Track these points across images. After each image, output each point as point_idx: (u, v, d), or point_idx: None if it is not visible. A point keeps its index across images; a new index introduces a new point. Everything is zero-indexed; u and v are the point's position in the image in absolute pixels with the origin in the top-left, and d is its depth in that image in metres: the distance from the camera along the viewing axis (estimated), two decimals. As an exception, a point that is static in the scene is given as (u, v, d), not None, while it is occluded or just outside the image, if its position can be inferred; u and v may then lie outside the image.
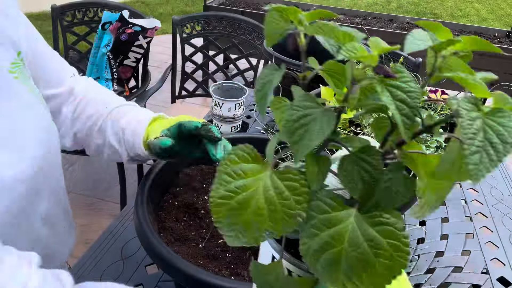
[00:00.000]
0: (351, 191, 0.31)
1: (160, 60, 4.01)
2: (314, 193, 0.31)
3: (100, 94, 0.85)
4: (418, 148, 0.32)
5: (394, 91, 0.30)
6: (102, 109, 0.81)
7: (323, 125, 0.30)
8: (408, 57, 1.76)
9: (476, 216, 1.16)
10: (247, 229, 0.31)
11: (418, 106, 0.30)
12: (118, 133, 0.78)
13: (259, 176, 0.32)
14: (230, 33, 2.17)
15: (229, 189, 0.31)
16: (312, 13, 0.34)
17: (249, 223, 0.31)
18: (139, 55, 1.97)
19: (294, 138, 0.30)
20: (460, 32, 3.28)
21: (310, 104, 0.32)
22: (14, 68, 0.63)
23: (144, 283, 0.86)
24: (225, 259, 0.64)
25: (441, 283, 0.93)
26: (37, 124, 0.64)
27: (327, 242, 0.30)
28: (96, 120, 0.80)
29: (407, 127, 0.29)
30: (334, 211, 0.31)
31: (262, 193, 0.31)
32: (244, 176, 0.31)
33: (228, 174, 0.31)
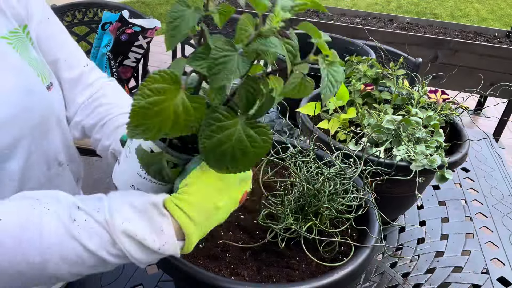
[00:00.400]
0: (240, 106, 0.46)
1: (160, 60, 4.01)
2: (214, 108, 0.45)
3: (118, 97, 0.86)
4: (275, 78, 0.49)
5: (287, 46, 0.47)
6: (115, 110, 0.81)
7: (239, 66, 0.43)
8: (408, 57, 1.76)
9: (476, 216, 1.16)
10: (151, 130, 0.44)
11: (296, 53, 0.47)
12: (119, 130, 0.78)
13: (173, 94, 0.43)
14: (230, 33, 2.17)
15: (148, 102, 0.43)
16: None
17: (154, 127, 0.43)
18: (139, 55, 1.97)
19: (213, 71, 0.43)
20: (460, 32, 3.28)
21: (229, 48, 0.44)
22: (12, 37, 0.69)
23: (144, 283, 0.86)
24: (225, 259, 0.64)
25: (441, 283, 0.93)
26: (17, 84, 0.66)
27: (221, 140, 0.45)
28: (104, 117, 0.81)
29: (291, 60, 0.47)
30: (227, 119, 0.45)
31: (172, 108, 0.43)
32: (161, 93, 0.43)
33: (150, 90, 0.43)
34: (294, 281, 0.61)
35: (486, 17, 6.18)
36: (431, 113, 0.95)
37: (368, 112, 0.99)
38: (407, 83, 1.10)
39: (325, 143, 0.87)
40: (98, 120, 0.82)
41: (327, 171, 0.69)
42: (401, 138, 0.89)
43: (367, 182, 0.72)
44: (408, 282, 0.93)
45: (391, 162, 0.84)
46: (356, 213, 0.68)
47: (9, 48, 0.69)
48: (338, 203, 0.68)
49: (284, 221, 0.65)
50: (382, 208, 0.72)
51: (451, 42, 2.87)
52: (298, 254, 0.67)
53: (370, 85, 1.05)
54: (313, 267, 0.65)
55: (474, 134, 1.57)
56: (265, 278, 0.62)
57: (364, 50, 1.47)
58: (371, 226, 0.68)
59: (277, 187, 0.77)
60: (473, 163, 1.42)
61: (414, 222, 1.12)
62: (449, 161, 0.86)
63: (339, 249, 0.68)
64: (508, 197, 1.26)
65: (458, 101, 1.04)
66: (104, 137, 0.80)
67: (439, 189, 1.26)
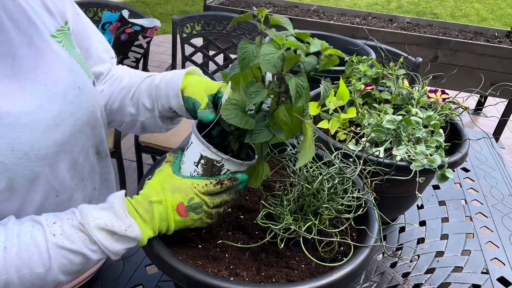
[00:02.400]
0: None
1: (160, 60, 4.01)
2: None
3: (132, 70, 0.92)
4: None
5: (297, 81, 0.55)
6: (136, 79, 0.85)
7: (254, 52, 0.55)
8: (408, 57, 1.76)
9: (476, 216, 1.16)
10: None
11: (306, 94, 0.56)
12: (152, 91, 0.81)
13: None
14: (230, 33, 2.17)
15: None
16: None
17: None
18: (139, 55, 1.97)
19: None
20: (460, 32, 3.28)
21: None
22: (60, 34, 0.72)
23: (144, 283, 0.86)
24: (225, 259, 0.64)
25: (441, 283, 0.93)
26: (70, 82, 0.71)
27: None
28: (130, 89, 0.84)
29: (298, 96, 0.55)
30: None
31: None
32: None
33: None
34: (293, 281, 0.61)
35: (486, 17, 6.18)
36: (431, 113, 0.95)
37: (368, 112, 0.99)
38: (407, 83, 1.10)
39: (325, 143, 0.87)
40: (125, 93, 0.85)
41: (327, 171, 0.69)
42: (401, 138, 0.89)
43: (366, 182, 0.72)
44: (408, 282, 0.92)
45: (391, 162, 0.84)
46: (356, 213, 0.68)
47: (59, 46, 0.71)
48: (337, 203, 0.68)
49: (283, 221, 0.65)
50: (382, 208, 0.72)
51: (451, 42, 2.87)
52: (297, 254, 0.66)
53: (370, 85, 1.05)
54: (313, 267, 0.65)
55: (474, 134, 1.56)
56: (265, 278, 0.61)
57: (364, 50, 1.47)
58: (370, 226, 0.68)
59: (276, 187, 0.76)
60: (473, 163, 1.41)
61: (414, 222, 1.12)
62: (449, 161, 0.86)
63: (339, 249, 0.68)
64: (508, 197, 1.25)
65: (458, 101, 1.03)
66: (138, 103, 0.83)
67: (439, 189, 1.26)
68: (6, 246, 0.55)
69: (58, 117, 0.67)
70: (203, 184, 0.61)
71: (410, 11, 6.15)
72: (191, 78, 0.77)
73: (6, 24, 0.64)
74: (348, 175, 0.71)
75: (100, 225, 0.58)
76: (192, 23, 2.15)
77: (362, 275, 0.93)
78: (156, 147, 1.88)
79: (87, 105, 0.74)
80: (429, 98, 1.03)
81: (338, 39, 1.57)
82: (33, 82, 0.66)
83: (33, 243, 0.56)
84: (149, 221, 0.60)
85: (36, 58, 0.67)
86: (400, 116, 0.95)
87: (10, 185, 0.63)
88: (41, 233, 0.57)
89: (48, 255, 0.56)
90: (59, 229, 0.57)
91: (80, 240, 0.57)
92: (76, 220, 0.58)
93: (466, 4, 6.69)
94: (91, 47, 0.86)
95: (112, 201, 0.60)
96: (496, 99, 3.54)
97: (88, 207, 0.60)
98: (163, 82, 0.79)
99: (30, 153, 0.64)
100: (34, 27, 0.68)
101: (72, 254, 0.57)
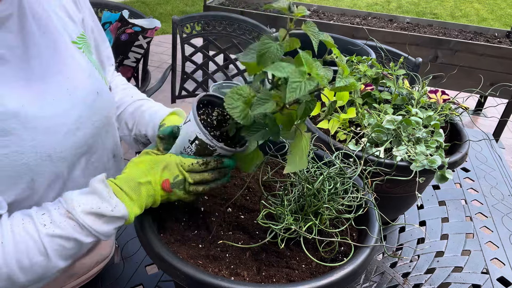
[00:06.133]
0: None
1: (160, 60, 4.01)
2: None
3: (128, 88, 0.96)
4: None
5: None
6: (126, 100, 0.90)
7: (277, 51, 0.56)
8: (408, 57, 1.76)
9: (476, 216, 1.16)
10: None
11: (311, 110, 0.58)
12: (135, 116, 0.87)
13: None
14: (230, 33, 2.17)
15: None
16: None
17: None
18: (139, 55, 1.97)
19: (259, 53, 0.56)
20: (460, 32, 3.28)
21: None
22: (80, 41, 0.77)
23: (144, 283, 0.86)
24: (225, 259, 0.64)
25: (441, 283, 0.93)
26: (90, 86, 0.74)
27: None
28: (119, 107, 0.90)
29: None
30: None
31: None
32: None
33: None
34: (294, 281, 0.61)
35: (486, 17, 6.18)
36: (431, 113, 0.95)
37: (368, 112, 0.99)
38: (407, 83, 1.10)
39: (325, 143, 0.87)
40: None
41: (327, 171, 0.69)
42: (401, 138, 0.89)
43: (367, 182, 0.72)
44: (408, 282, 0.93)
45: (391, 162, 0.84)
46: (356, 213, 0.68)
47: (80, 52, 0.75)
48: (338, 203, 0.68)
49: (284, 221, 0.65)
50: (382, 208, 0.72)
51: (451, 42, 2.87)
52: (298, 254, 0.67)
53: (370, 85, 1.05)
54: (313, 267, 0.65)
55: (474, 134, 1.57)
56: (265, 278, 0.62)
57: (364, 50, 1.47)
58: (371, 226, 0.68)
59: (277, 187, 0.77)
60: (473, 163, 1.42)
61: (414, 222, 1.12)
62: (449, 161, 0.86)
63: (339, 249, 0.68)
64: (508, 197, 1.25)
65: (458, 101, 1.03)
66: (121, 121, 0.89)
67: (439, 189, 1.26)
68: (3, 241, 0.57)
69: (78, 120, 0.70)
70: (189, 163, 0.65)
71: (410, 11, 6.15)
72: (172, 118, 0.83)
73: (33, 28, 0.67)
74: (349, 175, 0.71)
75: (86, 209, 0.60)
76: (192, 23, 2.15)
77: (362, 275, 0.93)
78: (156, 147, 1.88)
79: (104, 110, 0.78)
80: (429, 98, 1.03)
81: (338, 39, 1.57)
82: (56, 86, 0.69)
83: (26, 234, 0.58)
84: (136, 199, 0.63)
85: (59, 62, 0.70)
86: (400, 116, 0.95)
87: (32, 185, 0.65)
88: (32, 225, 0.59)
89: (42, 244, 0.58)
90: (48, 218, 0.60)
91: (70, 226, 0.60)
92: (62, 208, 0.60)
93: (466, 4, 6.69)
94: (101, 53, 0.92)
95: (94, 185, 0.62)
96: (496, 99, 3.54)
97: (72, 193, 0.62)
98: (147, 113, 0.86)
99: (53, 155, 0.66)
100: (58, 33, 0.72)
101: (64, 240, 0.60)
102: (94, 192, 0.62)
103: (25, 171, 0.63)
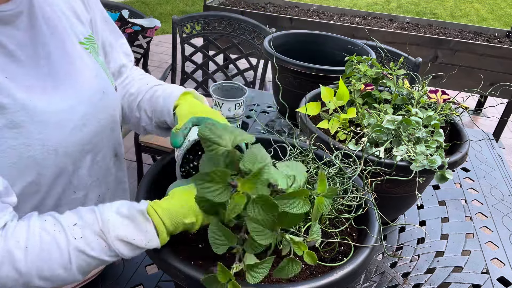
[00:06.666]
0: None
1: (160, 60, 4.01)
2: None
3: (144, 77, 0.96)
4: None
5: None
6: (144, 88, 0.90)
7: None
8: (408, 57, 1.76)
9: (476, 216, 1.16)
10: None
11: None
12: (152, 103, 0.86)
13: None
14: (230, 33, 2.17)
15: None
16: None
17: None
18: (139, 55, 1.97)
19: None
20: (460, 32, 3.28)
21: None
22: (87, 42, 0.78)
23: (144, 283, 0.86)
24: (225, 259, 0.64)
25: (441, 283, 0.93)
26: (96, 86, 0.75)
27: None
28: (137, 96, 0.89)
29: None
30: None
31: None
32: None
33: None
34: (293, 281, 0.61)
35: (486, 17, 6.18)
36: (431, 113, 0.95)
37: (368, 112, 0.99)
38: (407, 83, 1.10)
39: (325, 143, 0.87)
40: (132, 100, 0.90)
41: (327, 171, 0.69)
42: (401, 138, 0.89)
43: (367, 182, 0.72)
44: (408, 282, 0.93)
45: (391, 162, 0.84)
46: (356, 213, 0.68)
47: (87, 52, 0.77)
48: (337, 203, 0.68)
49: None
50: (382, 208, 0.72)
51: (451, 42, 2.87)
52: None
53: (370, 85, 1.05)
54: (313, 267, 0.65)
55: (474, 134, 1.57)
56: (265, 278, 0.61)
57: (364, 50, 1.47)
58: (371, 226, 0.68)
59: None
60: (473, 163, 1.42)
61: (414, 222, 1.12)
62: (449, 161, 0.86)
63: (339, 249, 0.68)
64: (508, 197, 1.26)
65: (458, 101, 1.03)
66: (141, 111, 0.88)
67: (439, 189, 1.26)
68: (28, 245, 0.56)
69: (84, 117, 0.72)
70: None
71: (410, 11, 6.15)
72: (185, 99, 0.81)
73: (43, 28, 0.69)
74: (349, 175, 0.71)
75: (120, 236, 0.58)
76: (192, 23, 2.15)
77: (362, 275, 0.93)
78: (156, 147, 1.88)
79: (109, 109, 0.80)
80: (429, 98, 1.03)
81: (338, 39, 1.57)
82: (64, 83, 0.71)
83: (55, 244, 0.57)
84: (173, 231, 0.61)
85: (67, 62, 0.72)
86: (400, 116, 0.95)
87: (38, 180, 0.67)
88: (63, 235, 0.58)
89: (69, 257, 0.57)
90: (80, 232, 0.58)
91: (100, 247, 0.58)
92: (97, 225, 0.58)
93: (466, 4, 6.69)
94: (113, 52, 0.92)
95: (134, 214, 0.59)
96: (496, 99, 3.54)
97: (110, 210, 0.60)
98: (161, 98, 0.84)
99: (59, 150, 0.68)
100: (66, 34, 0.74)
101: (91, 259, 0.59)
102: (133, 219, 0.59)
103: (31, 164, 0.64)
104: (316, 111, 1.02)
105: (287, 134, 0.89)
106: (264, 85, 2.19)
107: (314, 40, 1.59)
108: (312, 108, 1.00)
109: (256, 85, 2.23)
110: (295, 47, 1.58)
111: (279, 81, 1.39)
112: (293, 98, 1.17)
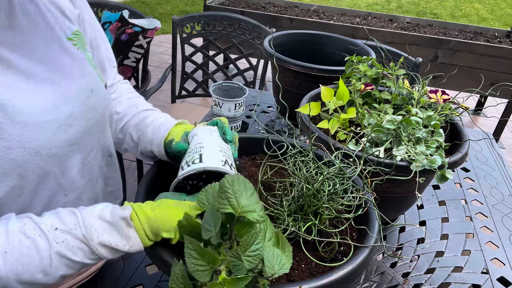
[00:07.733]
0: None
1: (160, 60, 4.01)
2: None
3: (133, 97, 0.93)
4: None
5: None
6: (130, 111, 0.88)
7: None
8: (408, 57, 1.76)
9: (476, 216, 1.16)
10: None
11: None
12: (140, 130, 0.84)
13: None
14: (230, 33, 2.17)
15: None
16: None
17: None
18: (139, 55, 1.97)
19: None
20: (460, 32, 3.28)
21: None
22: (75, 38, 0.75)
23: (144, 283, 0.86)
24: (225, 259, 0.64)
25: (441, 283, 0.93)
26: (84, 83, 0.73)
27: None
28: (122, 118, 0.87)
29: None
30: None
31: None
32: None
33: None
34: (293, 281, 0.61)
35: (486, 17, 6.18)
36: (431, 113, 0.95)
37: (368, 112, 0.99)
38: (407, 83, 1.10)
39: (325, 143, 0.87)
40: (116, 119, 0.88)
41: (327, 171, 0.69)
42: (401, 138, 0.89)
43: (366, 182, 0.72)
44: (408, 282, 0.93)
45: (391, 162, 0.84)
46: (356, 213, 0.68)
47: (75, 49, 0.74)
48: (337, 203, 0.68)
49: (283, 222, 0.65)
50: (382, 208, 0.72)
51: (451, 42, 2.87)
52: (297, 254, 0.66)
53: (370, 85, 1.05)
54: (313, 267, 0.65)
55: (474, 134, 1.57)
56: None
57: (364, 50, 1.47)
58: (370, 226, 0.68)
59: (276, 187, 0.77)
60: (473, 163, 1.41)
61: (414, 222, 1.12)
62: (449, 161, 0.86)
63: (339, 249, 0.68)
64: (508, 197, 1.25)
65: (458, 101, 1.03)
66: (125, 134, 0.86)
67: (439, 189, 1.26)
68: (7, 250, 0.55)
69: (70, 117, 0.69)
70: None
71: (410, 11, 6.15)
72: (176, 128, 0.80)
73: (24, 25, 0.66)
74: (348, 175, 0.71)
75: (104, 242, 0.59)
76: (192, 23, 2.15)
77: (362, 275, 0.93)
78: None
79: (98, 107, 0.76)
80: (429, 98, 1.03)
81: (338, 39, 1.57)
82: (48, 82, 0.68)
83: (34, 248, 0.56)
84: (153, 240, 0.62)
85: (52, 59, 0.69)
86: (400, 116, 0.95)
87: (21, 183, 0.64)
88: (43, 240, 0.57)
89: (50, 262, 0.57)
90: (61, 236, 0.58)
91: (82, 252, 0.59)
92: (79, 230, 0.58)
93: (466, 4, 6.69)
94: (99, 54, 0.89)
95: (117, 220, 0.60)
96: (496, 99, 3.54)
97: (92, 215, 0.60)
98: (150, 129, 0.82)
99: (42, 152, 0.65)
100: (52, 30, 0.70)
101: (73, 263, 0.59)
102: (115, 226, 0.60)
103: (13, 167, 0.61)
104: (316, 111, 1.02)
105: (287, 134, 0.89)
106: (264, 85, 2.19)
107: (314, 40, 1.59)
108: (312, 108, 1.00)
109: (256, 85, 2.23)
110: (295, 47, 1.58)
111: (279, 81, 1.39)
112: (293, 98, 1.17)
